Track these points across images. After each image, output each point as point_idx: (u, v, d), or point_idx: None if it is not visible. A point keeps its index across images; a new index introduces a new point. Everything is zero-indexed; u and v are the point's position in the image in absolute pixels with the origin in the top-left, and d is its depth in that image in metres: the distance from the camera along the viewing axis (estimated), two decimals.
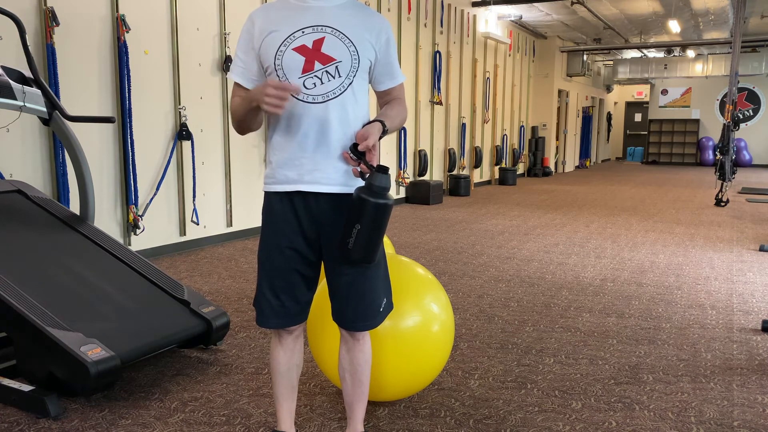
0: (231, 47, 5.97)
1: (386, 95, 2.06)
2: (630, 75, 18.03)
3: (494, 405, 2.62)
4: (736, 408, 2.63)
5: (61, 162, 4.55)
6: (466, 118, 11.24)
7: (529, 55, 14.44)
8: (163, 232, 5.51)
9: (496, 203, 9.60)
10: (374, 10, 2.05)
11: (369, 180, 1.80)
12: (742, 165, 18.63)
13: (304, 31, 1.88)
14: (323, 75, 1.88)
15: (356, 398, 2.13)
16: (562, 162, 16.43)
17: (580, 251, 5.89)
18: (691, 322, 3.78)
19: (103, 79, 4.92)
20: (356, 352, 2.07)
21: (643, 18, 12.85)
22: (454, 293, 4.36)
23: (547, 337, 3.47)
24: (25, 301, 2.58)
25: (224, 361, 3.08)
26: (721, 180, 9.34)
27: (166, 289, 3.10)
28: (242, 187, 6.34)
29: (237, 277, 4.78)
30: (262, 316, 2.02)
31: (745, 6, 9.76)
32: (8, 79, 3.25)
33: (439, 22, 9.97)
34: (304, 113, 1.89)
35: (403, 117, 2.06)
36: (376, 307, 2.01)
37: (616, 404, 2.64)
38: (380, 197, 1.78)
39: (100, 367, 2.40)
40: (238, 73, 1.97)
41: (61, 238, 3.21)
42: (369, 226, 1.80)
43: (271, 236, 1.98)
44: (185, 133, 5.55)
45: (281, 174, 1.93)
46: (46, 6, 4.44)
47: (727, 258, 5.64)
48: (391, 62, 1.99)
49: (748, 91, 19.36)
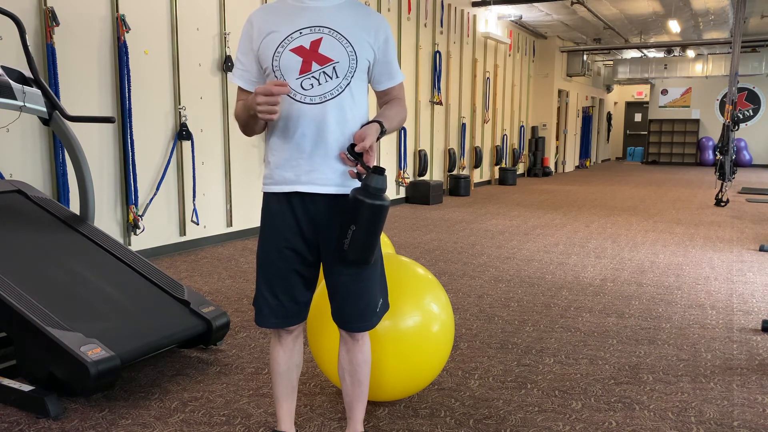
0: (231, 47, 5.97)
1: (385, 95, 2.05)
2: (630, 75, 18.04)
3: (494, 405, 2.62)
4: (736, 408, 2.63)
5: (61, 162, 4.55)
6: (466, 118, 11.24)
7: (529, 55, 14.45)
8: (163, 232, 5.51)
9: (496, 203, 9.60)
10: (372, 9, 2.03)
11: (365, 181, 1.80)
12: (742, 165, 18.64)
13: (302, 32, 1.88)
14: (321, 76, 1.87)
15: (356, 398, 2.13)
16: (562, 162, 16.43)
17: (580, 251, 5.89)
18: (691, 322, 3.78)
19: (103, 79, 4.92)
20: (355, 352, 2.07)
21: (643, 18, 12.85)
22: (454, 293, 4.36)
23: (547, 337, 3.47)
24: (25, 301, 2.57)
25: (224, 361, 3.08)
26: (721, 180, 9.35)
27: (166, 289, 3.10)
28: (242, 187, 6.34)
29: (237, 277, 4.78)
30: (260, 315, 2.02)
31: (745, 6, 9.76)
32: (8, 79, 3.25)
33: (439, 22, 9.97)
34: (301, 114, 1.88)
35: (403, 117, 2.06)
36: (372, 308, 2.02)
37: (616, 404, 2.64)
38: (376, 198, 1.78)
39: (100, 367, 2.40)
40: (239, 76, 1.98)
41: (61, 238, 3.21)
42: (364, 227, 1.80)
43: (269, 236, 1.98)
44: (185, 133, 5.55)
45: (279, 175, 1.94)
46: (46, 6, 4.44)
47: (727, 258, 5.64)
48: (389, 62, 1.99)
49: (748, 91, 19.36)
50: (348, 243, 1.82)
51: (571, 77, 16.09)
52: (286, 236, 1.95)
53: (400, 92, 2.07)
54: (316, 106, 1.88)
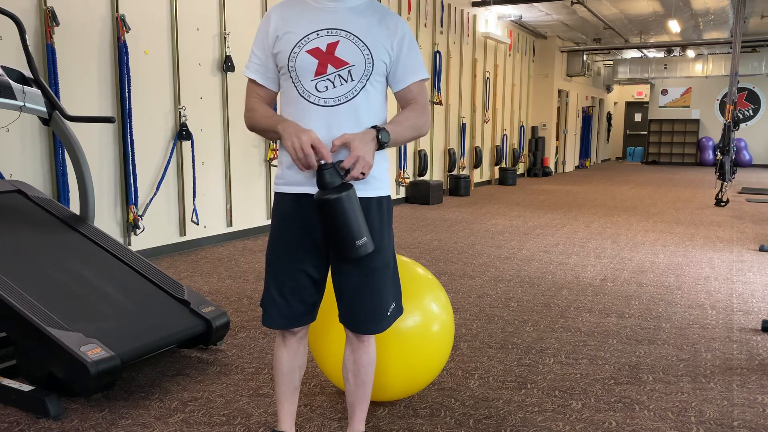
0: (231, 47, 5.97)
1: (403, 98, 1.99)
2: (630, 75, 18.03)
3: (494, 405, 2.62)
4: (736, 408, 2.63)
5: (61, 162, 4.55)
6: (466, 118, 11.24)
7: (529, 55, 14.44)
8: (163, 232, 5.51)
9: (496, 203, 9.60)
10: (390, 9, 1.99)
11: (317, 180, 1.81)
12: (742, 165, 18.63)
13: (319, 33, 1.87)
14: (336, 78, 1.87)
15: (358, 399, 2.13)
16: (562, 162, 16.43)
17: (580, 251, 5.89)
18: (691, 322, 3.78)
19: (103, 79, 4.92)
20: (360, 353, 2.07)
21: (643, 18, 12.85)
22: (454, 293, 4.36)
23: (547, 337, 3.47)
24: (25, 301, 2.57)
25: (224, 361, 3.08)
26: (721, 180, 9.34)
27: (166, 289, 3.10)
28: (242, 187, 6.34)
29: (237, 277, 4.78)
30: (267, 316, 2.01)
31: (745, 6, 9.76)
32: (8, 79, 3.25)
33: (439, 22, 9.96)
34: (314, 116, 1.87)
35: (418, 123, 1.95)
36: (383, 311, 2.00)
37: (616, 404, 2.64)
38: (326, 194, 1.77)
39: (100, 367, 2.40)
40: (254, 70, 1.97)
41: (61, 238, 3.21)
42: (333, 222, 1.79)
43: (279, 236, 1.98)
44: (185, 133, 5.55)
45: (290, 176, 1.93)
46: (46, 6, 4.44)
47: (727, 258, 5.64)
48: (405, 62, 1.94)
49: (748, 91, 19.36)
50: (332, 240, 1.85)
51: (571, 77, 16.08)
52: (295, 237, 1.95)
53: (419, 95, 1.97)
54: (330, 109, 1.87)
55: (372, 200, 1.94)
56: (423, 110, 1.97)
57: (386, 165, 2.00)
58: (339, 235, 1.81)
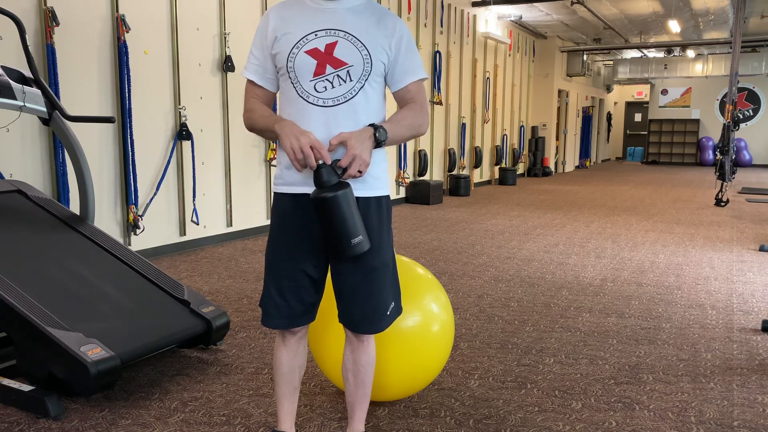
0: (231, 47, 5.97)
1: (401, 98, 1.99)
2: (630, 75, 18.03)
3: (494, 405, 2.62)
4: (736, 408, 2.63)
5: (61, 162, 4.55)
6: (466, 118, 11.24)
7: (529, 55, 14.44)
8: (163, 232, 5.51)
9: (496, 203, 9.60)
10: (389, 10, 1.99)
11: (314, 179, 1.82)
12: (742, 165, 18.63)
13: (317, 34, 1.88)
14: (334, 79, 1.87)
15: (358, 399, 2.13)
16: (562, 162, 16.43)
17: (580, 251, 5.89)
18: (691, 322, 3.78)
19: (103, 79, 4.92)
20: (360, 353, 2.07)
21: (643, 18, 12.85)
22: (454, 293, 4.36)
23: (547, 337, 3.47)
24: (25, 301, 2.57)
25: (224, 361, 3.08)
26: (721, 180, 9.34)
27: (166, 289, 3.10)
28: (242, 187, 6.34)
29: (237, 277, 4.78)
30: (267, 316, 2.02)
31: (745, 6, 9.76)
32: (8, 79, 3.25)
33: (439, 22, 9.97)
34: (313, 116, 1.88)
35: (416, 122, 1.95)
36: (382, 311, 2.00)
37: (616, 404, 2.64)
38: (322, 192, 1.78)
39: (100, 367, 2.40)
40: (253, 71, 1.97)
41: (61, 238, 3.21)
42: (329, 220, 1.80)
43: (278, 236, 1.98)
44: (185, 133, 5.55)
45: (289, 176, 1.94)
46: (46, 6, 4.44)
47: (727, 258, 5.64)
48: (403, 63, 1.94)
49: (748, 91, 19.36)
50: (330, 239, 1.85)
51: (571, 77, 16.08)
52: (295, 236, 1.95)
53: (418, 95, 1.97)
54: (329, 109, 1.88)
55: (371, 200, 1.95)
56: (421, 109, 1.98)
57: (385, 165, 2.00)
58: (335, 233, 1.82)
